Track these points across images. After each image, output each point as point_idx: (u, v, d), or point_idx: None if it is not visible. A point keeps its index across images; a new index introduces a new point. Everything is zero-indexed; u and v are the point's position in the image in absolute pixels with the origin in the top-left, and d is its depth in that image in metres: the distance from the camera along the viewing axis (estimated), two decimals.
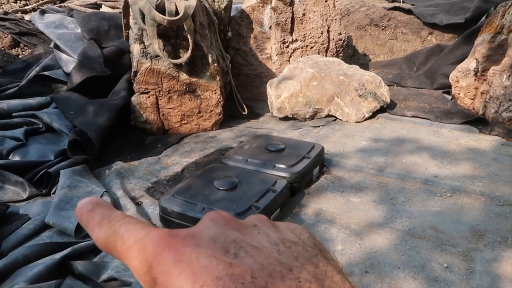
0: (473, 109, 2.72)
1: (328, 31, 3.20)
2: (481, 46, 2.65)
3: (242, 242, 0.21)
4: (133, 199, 1.78)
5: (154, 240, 0.21)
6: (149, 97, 2.42)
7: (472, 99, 2.74)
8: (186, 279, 0.19)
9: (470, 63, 2.72)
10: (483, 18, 3.27)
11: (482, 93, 2.64)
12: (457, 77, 2.82)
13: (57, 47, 2.82)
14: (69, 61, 2.71)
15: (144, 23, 2.23)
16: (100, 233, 0.23)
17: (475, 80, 2.69)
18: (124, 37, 2.63)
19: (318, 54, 3.18)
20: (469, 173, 1.96)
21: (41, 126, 2.23)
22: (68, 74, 2.64)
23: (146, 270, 0.21)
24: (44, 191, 1.80)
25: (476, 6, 3.58)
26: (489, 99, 2.52)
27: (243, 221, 0.23)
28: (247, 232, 0.22)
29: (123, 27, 2.55)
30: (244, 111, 2.75)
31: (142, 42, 2.34)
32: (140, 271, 0.21)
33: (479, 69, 2.65)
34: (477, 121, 2.52)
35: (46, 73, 2.67)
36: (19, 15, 3.48)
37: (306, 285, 0.19)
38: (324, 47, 3.22)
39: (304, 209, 1.71)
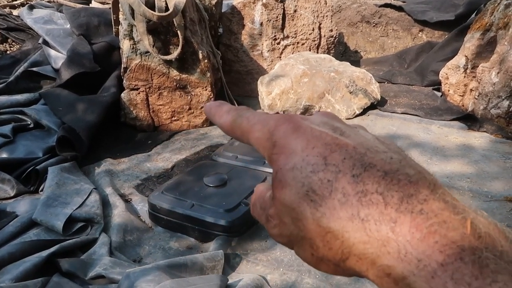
0: (463, 105, 2.74)
1: (320, 28, 3.20)
2: (470, 43, 2.67)
3: (346, 128, 0.25)
4: (122, 196, 1.77)
5: (276, 117, 0.26)
6: (139, 93, 2.40)
7: (462, 96, 2.76)
8: (302, 142, 0.23)
9: (459, 60, 2.74)
10: (473, 15, 3.29)
11: (471, 90, 2.66)
12: (446, 74, 2.84)
13: (46, 42, 2.79)
14: (58, 57, 2.68)
15: (134, 19, 2.21)
16: (228, 118, 0.29)
17: (464, 77, 2.71)
18: (114, 33, 2.61)
19: (309, 50, 3.18)
20: (458, 169, 1.98)
21: (29, 122, 2.21)
22: (57, 70, 2.61)
23: (267, 137, 0.25)
24: (32, 188, 1.78)
25: (466, 3, 3.61)
26: (478, 96, 2.54)
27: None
28: (350, 127, 0.26)
29: (112, 23, 2.53)
30: None
31: (132, 38, 2.32)
32: (261, 139, 0.26)
33: (469, 66, 2.67)
34: (466, 118, 2.54)
35: (34, 69, 2.64)
36: (7, 10, 3.43)
37: (396, 157, 0.22)
38: (315, 44, 3.22)
39: None
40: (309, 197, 0.22)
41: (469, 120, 2.52)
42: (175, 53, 2.30)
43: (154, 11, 2.16)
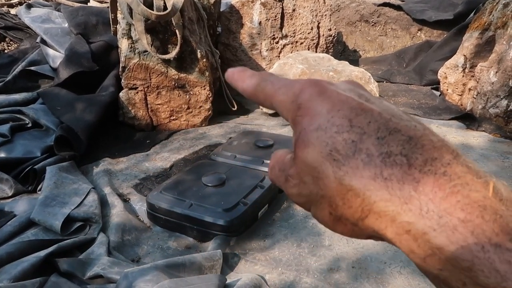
0: (461, 105, 2.74)
1: (318, 27, 3.20)
2: (469, 42, 2.67)
3: (371, 96, 0.25)
4: (120, 195, 1.77)
5: (301, 81, 0.26)
6: (137, 92, 2.40)
7: (460, 95, 2.76)
8: (327, 105, 0.24)
9: (458, 60, 2.74)
10: (472, 14, 3.29)
11: (470, 89, 2.66)
12: (445, 73, 2.84)
13: (43, 42, 2.78)
14: (56, 56, 2.67)
15: (132, 18, 2.21)
16: (250, 82, 0.29)
17: (463, 76, 2.72)
18: (112, 32, 2.60)
19: (308, 50, 3.18)
20: None
21: (27, 122, 2.20)
22: (55, 70, 2.61)
23: (292, 100, 0.25)
24: (30, 188, 1.78)
25: (465, 2, 3.61)
26: (476, 95, 2.54)
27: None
28: (374, 96, 0.26)
29: (111, 22, 2.53)
30: (234, 107, 2.74)
31: (130, 37, 2.31)
32: (286, 102, 0.26)
33: (467, 66, 2.67)
34: (465, 117, 2.54)
35: (32, 68, 2.63)
36: (4, 9, 3.42)
37: (420, 126, 0.23)
38: (314, 43, 3.22)
39: (293, 204, 1.71)
40: (332, 156, 0.22)
41: (468, 119, 2.53)
42: (173, 52, 2.30)
43: (152, 10, 2.16)
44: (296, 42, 3.16)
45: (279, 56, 3.15)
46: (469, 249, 0.19)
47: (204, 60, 2.44)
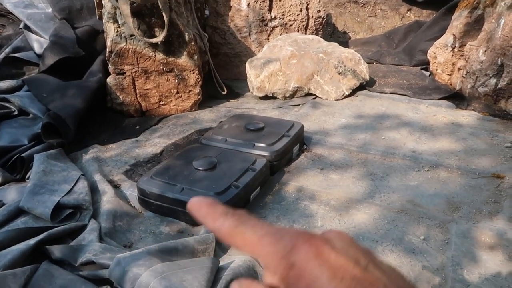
0: (451, 84, 2.75)
1: (307, 9, 3.16)
2: (458, 21, 2.66)
3: (366, 258, 0.24)
4: (111, 182, 1.75)
5: (292, 234, 0.24)
6: (125, 78, 2.36)
7: (450, 75, 2.76)
8: (327, 271, 0.22)
9: (447, 39, 2.74)
10: None
11: (459, 68, 2.66)
12: (434, 53, 2.84)
13: (27, 27, 2.71)
14: (40, 42, 2.61)
15: (117, 1, 2.16)
16: (225, 222, 0.26)
17: (452, 55, 2.71)
18: (97, 16, 2.54)
19: (298, 32, 3.15)
20: (446, 147, 1.99)
21: (13, 110, 2.16)
22: (39, 56, 2.55)
23: (282, 255, 0.23)
24: (18, 176, 1.75)
25: None
26: (466, 74, 2.55)
27: (361, 248, 0.26)
28: (368, 255, 0.25)
29: (95, 6, 2.47)
30: (224, 91, 2.72)
31: (116, 21, 2.26)
32: (274, 255, 0.24)
33: (456, 45, 2.67)
34: (454, 97, 2.55)
35: (16, 55, 2.57)
36: None
37: None
38: (303, 25, 3.18)
39: (284, 187, 1.71)
40: None
41: (457, 98, 2.53)
42: (160, 36, 2.26)
43: None
44: (285, 24, 3.13)
45: (268, 39, 3.12)
46: None
47: (192, 43, 2.40)
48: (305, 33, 3.18)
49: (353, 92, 2.69)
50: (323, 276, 0.22)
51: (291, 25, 3.14)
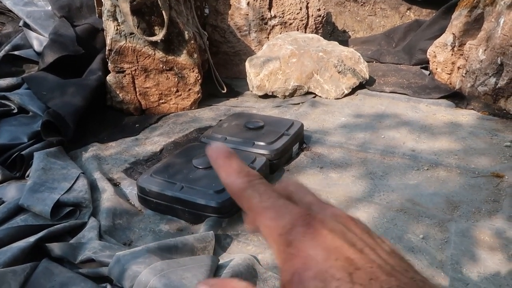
0: (450, 83, 2.75)
1: (307, 7, 3.16)
2: (457, 20, 2.66)
3: (363, 234, 0.25)
4: (110, 180, 1.75)
5: (294, 213, 0.25)
6: (125, 76, 2.36)
7: (449, 74, 2.77)
8: (322, 251, 0.23)
9: (447, 38, 2.74)
10: None
11: (459, 67, 2.66)
12: (434, 52, 2.84)
13: (26, 25, 2.71)
14: (40, 40, 2.61)
15: None
16: (237, 181, 0.27)
17: (452, 55, 2.72)
18: (97, 14, 2.54)
19: (297, 30, 3.15)
20: (446, 146, 1.99)
21: (13, 107, 2.16)
22: (39, 54, 2.55)
23: (280, 232, 0.24)
24: (17, 174, 1.75)
25: None
26: (465, 73, 2.55)
27: (360, 226, 0.26)
28: (366, 234, 0.25)
29: (95, 4, 2.46)
30: (224, 90, 2.72)
31: (115, 19, 2.26)
32: (273, 230, 0.24)
33: (456, 44, 2.67)
34: (454, 96, 2.55)
35: (16, 52, 2.57)
36: None
37: (419, 277, 0.22)
38: (303, 24, 3.18)
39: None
40: None
41: (457, 98, 2.53)
42: (160, 34, 2.26)
43: None
44: (285, 22, 3.13)
45: (268, 37, 3.11)
46: None
47: (192, 41, 2.40)
48: (305, 32, 3.18)
49: (353, 91, 2.69)
50: (318, 256, 0.23)
51: (291, 24, 3.14)
